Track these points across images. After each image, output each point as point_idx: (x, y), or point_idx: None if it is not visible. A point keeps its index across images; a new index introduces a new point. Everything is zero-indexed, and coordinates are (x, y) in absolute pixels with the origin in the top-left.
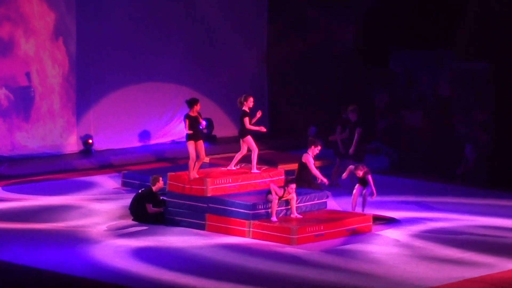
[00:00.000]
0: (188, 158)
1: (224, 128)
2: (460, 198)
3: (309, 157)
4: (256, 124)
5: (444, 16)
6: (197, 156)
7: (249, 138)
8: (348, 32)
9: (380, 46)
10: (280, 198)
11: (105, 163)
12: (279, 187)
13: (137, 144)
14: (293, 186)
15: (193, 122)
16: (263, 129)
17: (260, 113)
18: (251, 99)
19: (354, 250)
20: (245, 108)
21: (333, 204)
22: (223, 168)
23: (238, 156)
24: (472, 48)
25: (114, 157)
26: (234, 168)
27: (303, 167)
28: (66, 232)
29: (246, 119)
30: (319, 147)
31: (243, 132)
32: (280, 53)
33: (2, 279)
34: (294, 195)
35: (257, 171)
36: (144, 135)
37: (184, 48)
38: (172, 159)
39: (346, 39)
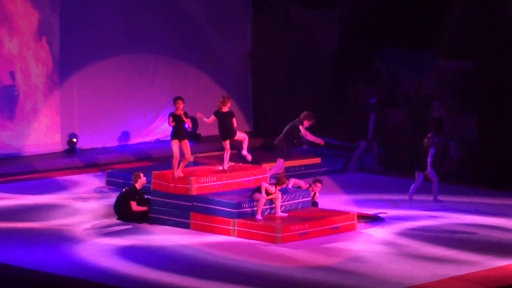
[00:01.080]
0: (172, 157)
1: (208, 127)
2: (445, 196)
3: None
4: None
5: (428, 15)
6: (182, 155)
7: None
8: (333, 32)
9: (364, 46)
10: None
11: (89, 162)
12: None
13: (122, 143)
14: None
15: (176, 120)
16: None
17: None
18: (230, 100)
19: (338, 248)
20: (225, 109)
21: None
22: (216, 168)
23: (226, 155)
24: (457, 47)
25: (99, 156)
26: (226, 168)
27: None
28: (51, 231)
29: (234, 120)
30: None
31: (233, 132)
32: (264, 53)
33: None
34: (279, 194)
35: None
36: (126, 134)
37: (168, 47)
38: (157, 158)
39: (330, 39)
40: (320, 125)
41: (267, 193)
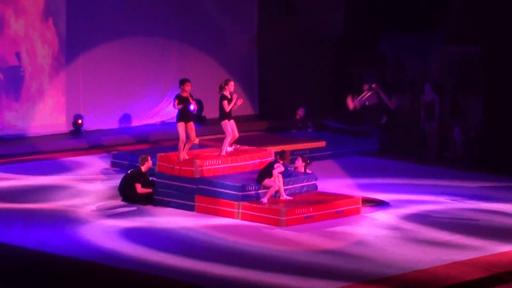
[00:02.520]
0: (178, 139)
1: (213, 110)
2: (449, 181)
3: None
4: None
5: None
6: (187, 137)
7: (225, 122)
8: (338, 15)
9: (369, 30)
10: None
11: (94, 143)
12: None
13: (126, 125)
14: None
15: (182, 102)
16: (240, 101)
17: (241, 101)
18: (232, 83)
19: (343, 232)
20: (225, 93)
21: None
22: (216, 154)
23: (225, 141)
24: (462, 31)
25: (104, 138)
26: (225, 153)
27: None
28: (55, 212)
29: (225, 102)
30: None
31: (222, 115)
32: (270, 36)
33: None
34: (281, 178)
35: (224, 155)
36: (131, 116)
37: (175, 30)
38: (161, 140)
39: (336, 22)
40: (325, 109)
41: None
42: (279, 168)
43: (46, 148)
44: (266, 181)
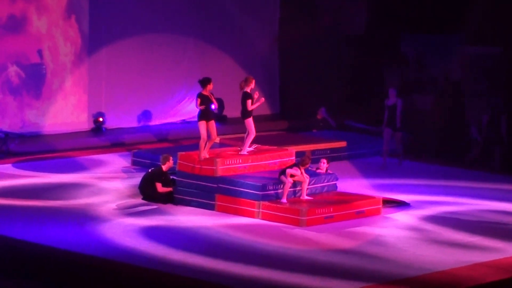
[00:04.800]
0: (199, 138)
1: (234, 108)
2: (471, 182)
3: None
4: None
5: None
6: (208, 136)
7: (249, 120)
8: (360, 15)
9: (391, 29)
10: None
11: (115, 141)
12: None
13: (147, 123)
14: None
15: (205, 101)
16: (262, 100)
17: (263, 100)
18: (253, 81)
19: (363, 233)
20: (247, 90)
21: None
22: (236, 153)
23: (248, 139)
24: (484, 32)
25: (125, 136)
26: (246, 153)
27: None
28: (76, 210)
29: (249, 101)
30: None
31: (245, 114)
32: (291, 35)
33: (12, 256)
34: (307, 179)
35: (246, 153)
36: (152, 115)
37: (195, 27)
38: (182, 138)
39: (357, 22)
40: (346, 109)
41: (292, 177)
42: (294, 170)
43: (67, 146)
44: (282, 177)
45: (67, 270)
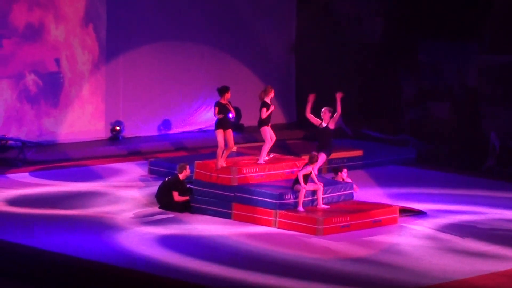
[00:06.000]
0: (216, 146)
1: (251, 117)
2: (487, 191)
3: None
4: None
5: (472, 8)
6: (226, 145)
7: (264, 129)
8: (376, 23)
9: (407, 37)
10: (305, 180)
11: (132, 150)
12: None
13: (164, 132)
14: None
15: (223, 110)
16: (272, 107)
17: (273, 108)
18: (272, 91)
19: (380, 242)
20: (266, 100)
21: None
22: (253, 162)
23: (264, 147)
24: (500, 40)
25: (142, 144)
26: (263, 161)
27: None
28: (93, 218)
29: (264, 110)
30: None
31: (260, 122)
32: (308, 43)
33: (29, 264)
34: (321, 186)
35: (262, 162)
36: (169, 123)
37: (212, 36)
38: (199, 147)
39: (374, 30)
40: (363, 117)
41: (306, 180)
42: (305, 169)
43: (84, 155)
44: (296, 186)
45: (84, 278)
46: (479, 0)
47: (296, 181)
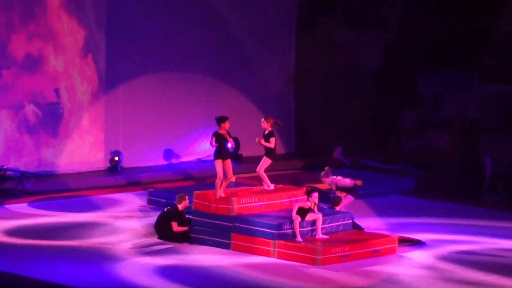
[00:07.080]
0: (215, 176)
1: (250, 147)
2: (487, 221)
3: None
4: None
5: (472, 38)
6: (225, 175)
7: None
8: (376, 53)
9: (407, 67)
10: (304, 214)
11: (131, 180)
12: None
13: (164, 162)
14: (316, 194)
15: (219, 139)
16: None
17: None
18: (271, 120)
19: (378, 271)
20: (270, 129)
21: None
22: (258, 188)
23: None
24: (501, 70)
25: (141, 175)
26: (272, 187)
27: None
28: (92, 249)
29: (272, 139)
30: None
31: (271, 152)
32: (307, 73)
33: None
34: (320, 216)
35: (272, 188)
36: (169, 153)
37: (212, 65)
38: (199, 177)
39: (373, 60)
40: (362, 147)
41: (305, 212)
42: (301, 202)
43: (83, 185)
44: (293, 216)
45: None
46: (479, 30)
47: (300, 211)
